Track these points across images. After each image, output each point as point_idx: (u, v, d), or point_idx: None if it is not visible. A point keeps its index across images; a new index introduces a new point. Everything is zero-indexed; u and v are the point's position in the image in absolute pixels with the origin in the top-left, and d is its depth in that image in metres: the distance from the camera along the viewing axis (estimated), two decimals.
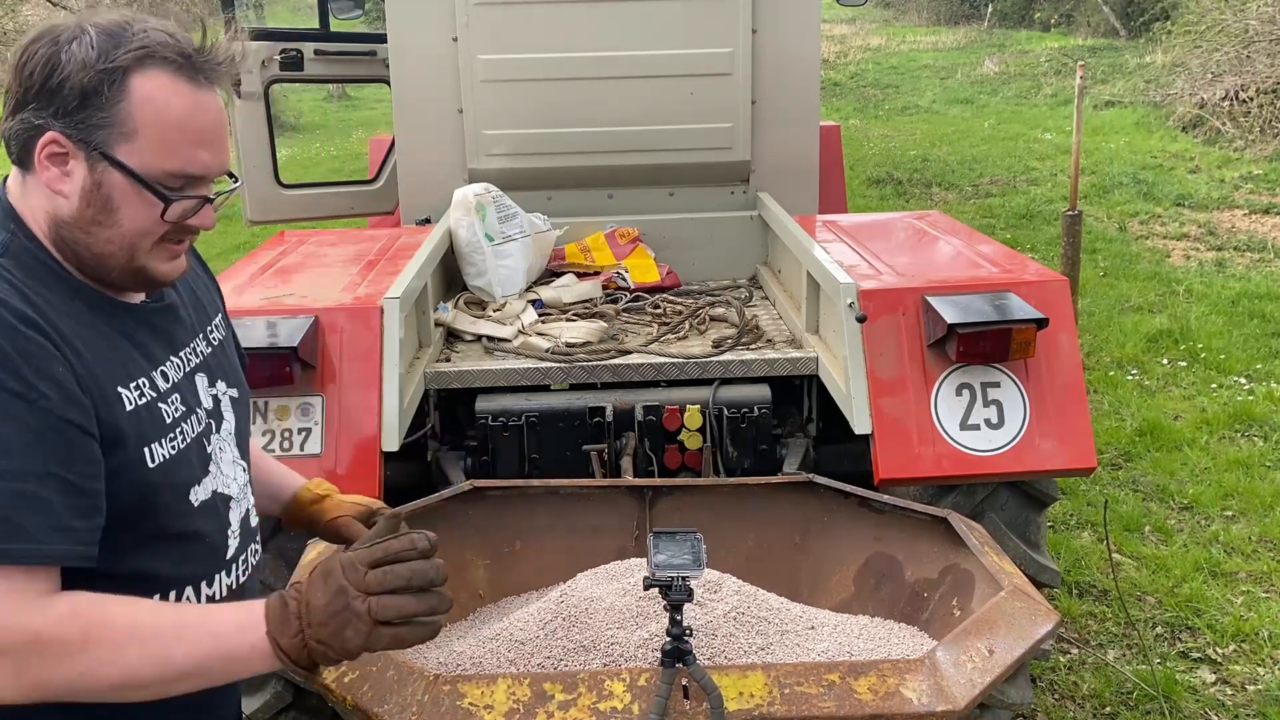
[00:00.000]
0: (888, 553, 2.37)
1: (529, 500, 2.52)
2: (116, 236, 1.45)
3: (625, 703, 1.69)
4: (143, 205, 1.44)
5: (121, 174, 1.42)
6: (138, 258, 1.47)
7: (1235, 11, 13.45)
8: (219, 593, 1.60)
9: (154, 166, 1.43)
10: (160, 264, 1.50)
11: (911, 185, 11.89)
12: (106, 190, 1.42)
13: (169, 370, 1.55)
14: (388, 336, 2.96)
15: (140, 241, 1.46)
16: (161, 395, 1.51)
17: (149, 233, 1.46)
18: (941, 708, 1.68)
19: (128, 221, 1.44)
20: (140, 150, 1.42)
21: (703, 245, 4.36)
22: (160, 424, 1.49)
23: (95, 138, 1.41)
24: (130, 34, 1.43)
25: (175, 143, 1.43)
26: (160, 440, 1.49)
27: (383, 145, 5.37)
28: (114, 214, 1.43)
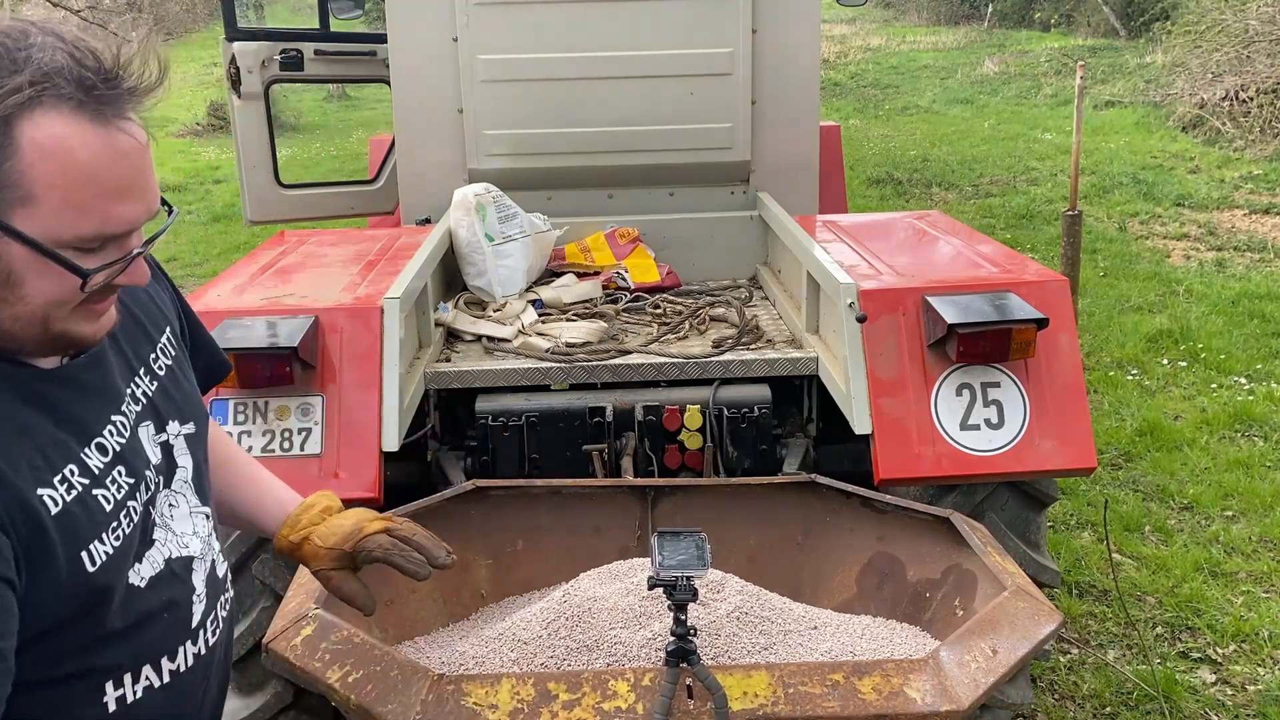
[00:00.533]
0: (890, 553, 2.38)
1: (531, 500, 2.52)
2: (24, 313, 1.21)
3: (629, 702, 1.69)
4: (53, 277, 1.20)
5: (22, 246, 1.16)
6: (54, 326, 1.24)
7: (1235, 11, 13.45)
8: (185, 663, 1.42)
9: (64, 232, 1.17)
10: (84, 326, 1.27)
11: (911, 185, 11.89)
12: (7, 264, 1.17)
13: (106, 440, 1.32)
14: (388, 336, 2.96)
15: (55, 311, 1.23)
16: (97, 479, 1.29)
17: (63, 302, 1.23)
18: (945, 707, 1.68)
19: (37, 295, 1.20)
20: (42, 216, 1.16)
21: (703, 245, 4.36)
22: (98, 516, 1.27)
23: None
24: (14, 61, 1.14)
25: (85, 203, 1.17)
26: (101, 537, 1.27)
27: (383, 145, 5.37)
28: (19, 289, 1.19)
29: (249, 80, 4.93)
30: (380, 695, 1.73)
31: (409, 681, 1.74)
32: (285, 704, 3.02)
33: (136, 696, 1.36)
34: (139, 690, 1.36)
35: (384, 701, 1.71)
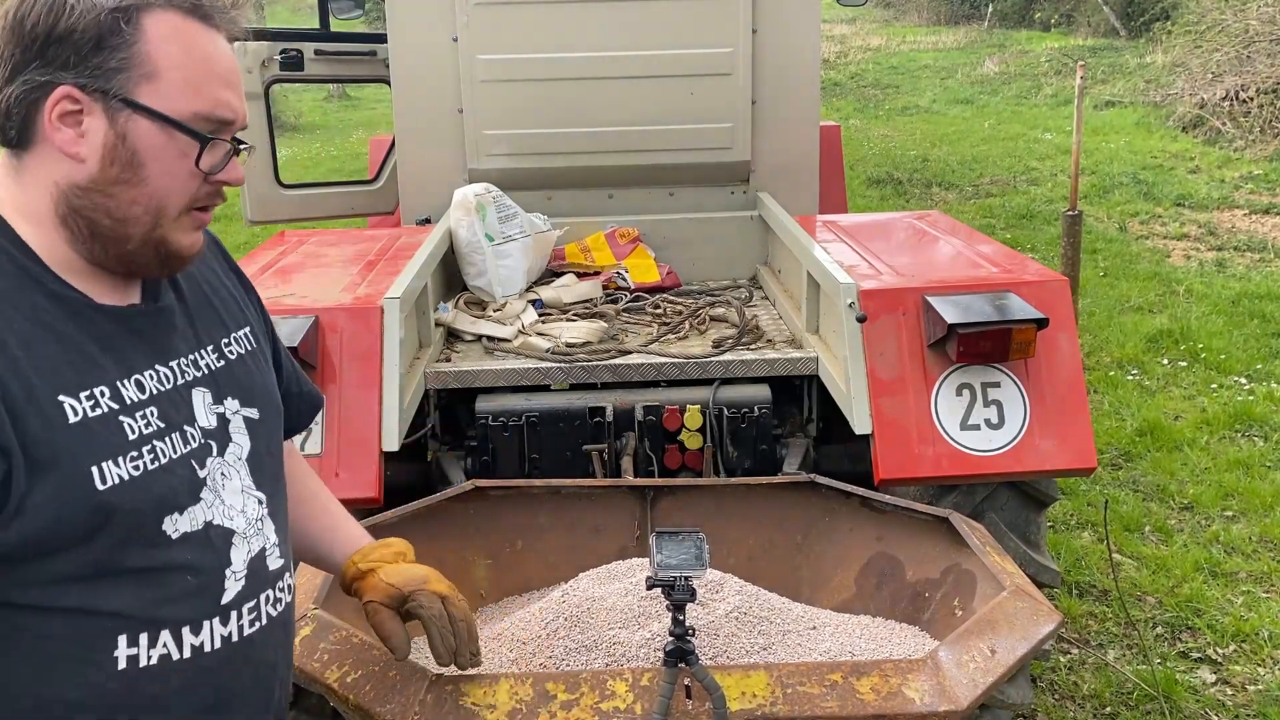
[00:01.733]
0: (889, 553, 2.38)
1: (530, 500, 2.52)
2: (143, 196, 1.31)
3: (628, 703, 1.69)
4: (173, 155, 1.31)
5: (148, 119, 1.28)
6: (162, 224, 1.33)
7: (1235, 11, 13.45)
8: (211, 643, 1.37)
9: (182, 108, 1.30)
10: (183, 236, 1.36)
11: (911, 185, 11.89)
12: (132, 142, 1.29)
13: (146, 380, 1.35)
14: (388, 336, 2.96)
15: (168, 203, 1.33)
16: (126, 408, 1.31)
17: (179, 189, 1.33)
18: (944, 708, 1.68)
19: (156, 176, 1.31)
20: (165, 92, 1.29)
21: (703, 245, 4.36)
22: (118, 440, 1.29)
23: (114, 84, 1.27)
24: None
25: (201, 81, 1.31)
26: (116, 458, 1.28)
27: (383, 145, 5.37)
28: (141, 169, 1.30)
29: (249, 80, 4.92)
30: (378, 695, 1.73)
31: (407, 682, 1.74)
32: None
33: (151, 662, 1.32)
34: (154, 656, 1.32)
35: (382, 702, 1.72)
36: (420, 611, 1.69)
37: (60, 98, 1.27)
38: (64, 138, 1.28)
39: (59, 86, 1.26)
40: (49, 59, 1.26)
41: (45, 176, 1.30)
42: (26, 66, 1.27)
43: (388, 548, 1.74)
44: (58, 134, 1.28)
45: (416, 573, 1.73)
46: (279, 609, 1.48)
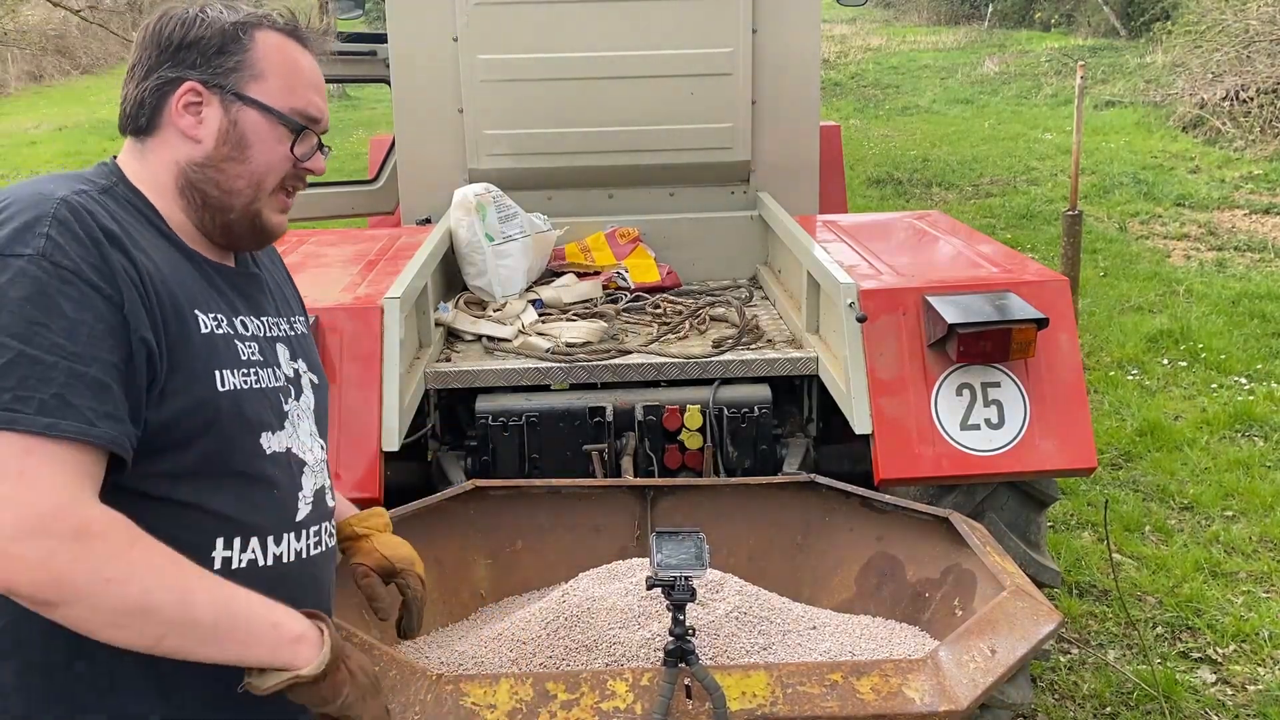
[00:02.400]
0: (889, 553, 2.38)
1: (530, 500, 2.52)
2: (246, 172, 1.58)
3: (628, 703, 1.69)
4: (273, 140, 1.59)
5: (255, 110, 1.57)
6: (259, 199, 1.60)
7: (1235, 11, 13.45)
8: (287, 554, 1.57)
9: (281, 103, 1.59)
10: (273, 213, 1.63)
11: (911, 185, 11.89)
12: (241, 128, 1.57)
13: (249, 322, 1.62)
14: (388, 336, 2.96)
15: (266, 180, 1.60)
16: (239, 335, 1.58)
17: (275, 169, 1.60)
18: (944, 707, 1.68)
19: (258, 156, 1.58)
20: (269, 89, 1.58)
21: (703, 245, 4.35)
22: (234, 356, 1.55)
23: (229, 80, 1.56)
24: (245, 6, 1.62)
25: (297, 84, 1.60)
26: (232, 370, 1.53)
27: (383, 145, 5.37)
28: (247, 149, 1.57)
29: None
30: None
31: (408, 681, 1.74)
32: None
33: (241, 565, 1.51)
34: (244, 560, 1.52)
35: None
36: (407, 591, 1.92)
37: (186, 90, 1.56)
38: (186, 123, 1.56)
39: (186, 81, 1.55)
40: (179, 61, 1.56)
41: (168, 156, 1.57)
42: (160, 67, 1.56)
43: (379, 517, 1.97)
44: (181, 120, 1.56)
45: (405, 551, 1.95)
46: (332, 542, 1.73)
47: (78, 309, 1.35)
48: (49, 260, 1.35)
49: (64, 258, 1.36)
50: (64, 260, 1.36)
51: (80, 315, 1.35)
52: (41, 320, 1.33)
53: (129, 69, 1.61)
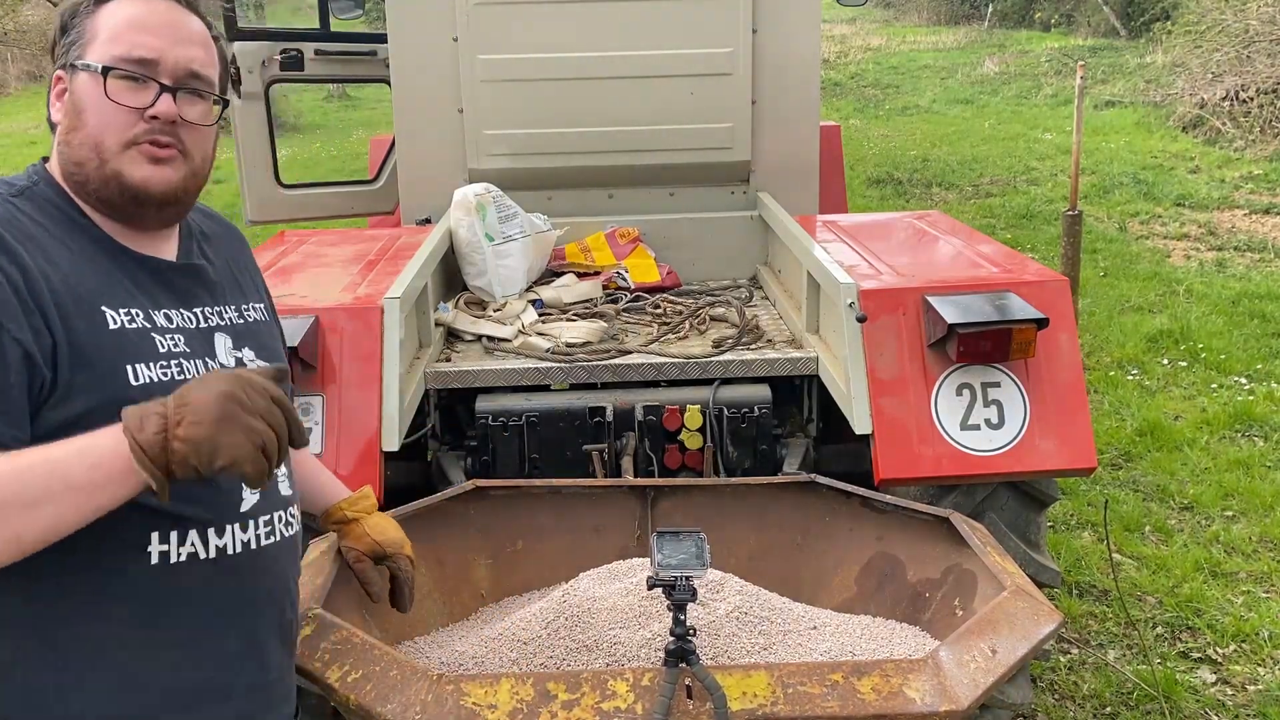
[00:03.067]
0: (890, 553, 2.38)
1: (531, 500, 2.52)
2: (85, 137, 1.53)
3: (629, 703, 1.69)
4: (97, 95, 1.53)
5: (82, 72, 1.54)
6: (108, 160, 1.53)
7: (1235, 11, 13.45)
8: (233, 545, 1.55)
9: (101, 56, 1.54)
10: (134, 169, 1.54)
11: (911, 185, 11.89)
12: (75, 94, 1.55)
13: (174, 315, 1.58)
14: (388, 336, 2.96)
15: (104, 138, 1.53)
16: (157, 328, 1.54)
17: (110, 125, 1.53)
18: (945, 707, 1.68)
19: (91, 118, 1.53)
20: (94, 49, 1.55)
21: (703, 245, 4.35)
22: (150, 349, 1.51)
23: (71, 55, 1.56)
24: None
25: (122, 33, 1.55)
26: (148, 363, 1.50)
27: (383, 145, 5.37)
28: (81, 114, 1.54)
29: (249, 80, 4.92)
30: (380, 695, 1.73)
31: (408, 681, 1.74)
32: None
33: (180, 559, 1.50)
34: (183, 554, 1.51)
35: (384, 701, 1.72)
36: (399, 573, 2.02)
37: (54, 81, 1.59)
38: (56, 108, 1.58)
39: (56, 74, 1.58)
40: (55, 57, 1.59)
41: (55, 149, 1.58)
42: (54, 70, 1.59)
43: (367, 499, 2.04)
44: (54, 110, 1.58)
45: (394, 534, 2.03)
46: (290, 531, 1.68)
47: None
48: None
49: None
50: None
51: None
52: None
53: None
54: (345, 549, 2.02)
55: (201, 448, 1.32)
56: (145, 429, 1.32)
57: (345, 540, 2.02)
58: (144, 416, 1.33)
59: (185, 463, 1.32)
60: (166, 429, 1.32)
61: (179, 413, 1.33)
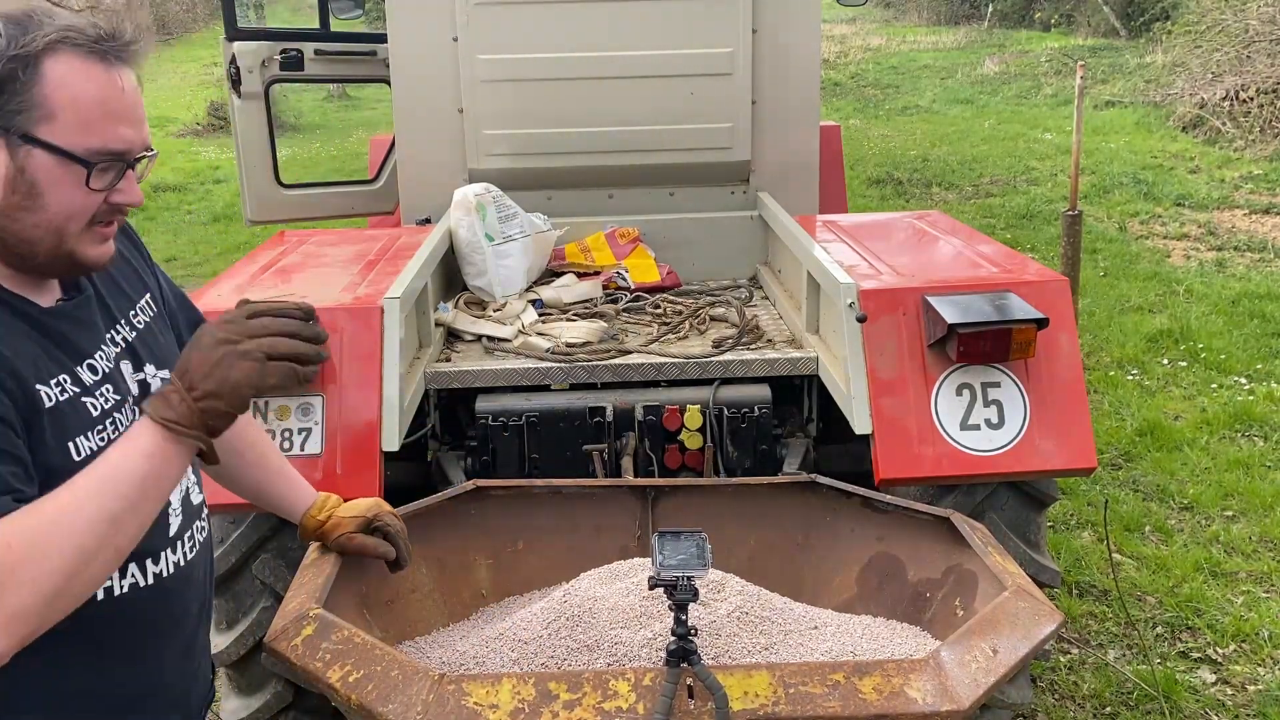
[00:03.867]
0: (890, 553, 2.38)
1: (532, 500, 2.52)
2: (44, 220, 1.46)
3: (630, 702, 1.69)
4: (69, 183, 1.45)
5: (45, 152, 1.43)
6: (66, 242, 1.48)
7: (1235, 11, 13.46)
8: (166, 569, 1.63)
9: (76, 144, 1.44)
10: (90, 249, 1.51)
11: (911, 185, 11.89)
12: (31, 173, 1.44)
13: (97, 362, 1.56)
14: (388, 336, 2.96)
15: (68, 224, 1.47)
16: (87, 389, 1.52)
17: (77, 213, 1.47)
18: (946, 707, 1.68)
19: (55, 203, 1.45)
20: (61, 130, 1.43)
21: (703, 245, 4.36)
22: (85, 418, 1.50)
23: (14, 123, 1.42)
24: (37, 21, 1.44)
25: (95, 120, 1.45)
26: (87, 434, 1.49)
27: (383, 145, 5.37)
28: (40, 197, 1.44)
29: (249, 80, 4.92)
30: (381, 695, 1.73)
31: (410, 681, 1.74)
32: (285, 704, 3.02)
33: (124, 591, 1.57)
34: (126, 586, 1.57)
35: (385, 701, 1.71)
36: (388, 528, 2.07)
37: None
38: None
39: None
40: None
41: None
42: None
43: (330, 499, 2.08)
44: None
45: (365, 503, 2.10)
46: (203, 535, 1.76)
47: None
48: None
49: None
50: None
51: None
52: None
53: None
54: (335, 543, 2.06)
55: (224, 392, 1.41)
56: (171, 407, 1.40)
57: (330, 537, 2.06)
58: (164, 400, 1.41)
59: (220, 413, 1.42)
60: (186, 396, 1.41)
61: (186, 379, 1.42)
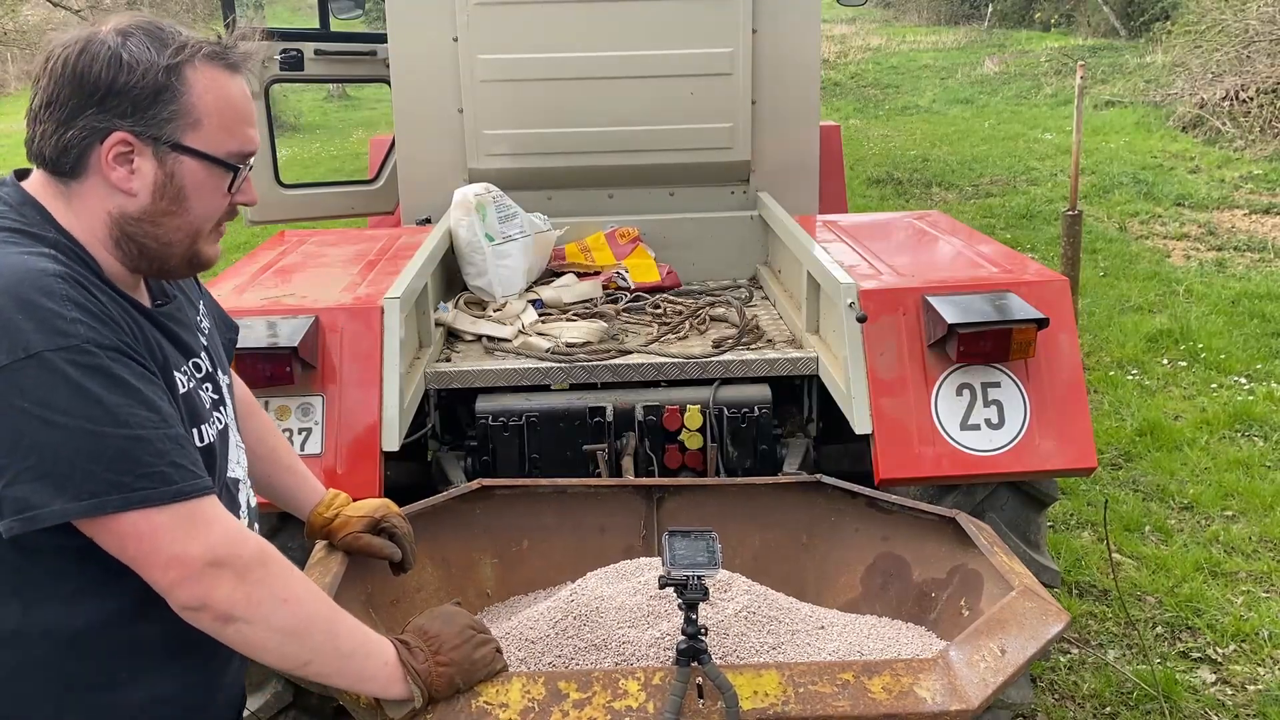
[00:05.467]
0: (895, 553, 2.37)
1: (536, 499, 2.52)
2: (185, 224, 1.53)
3: (640, 701, 1.69)
4: (211, 187, 1.53)
5: (195, 160, 1.51)
6: (198, 242, 1.57)
7: (1235, 11, 13.46)
8: None
9: (221, 148, 1.52)
10: (210, 248, 1.60)
11: (911, 185, 11.89)
12: (179, 180, 1.51)
13: (201, 360, 1.65)
14: (388, 336, 2.96)
15: (204, 226, 1.56)
16: (200, 382, 1.62)
17: (213, 215, 1.56)
18: (955, 707, 1.68)
19: (198, 206, 1.53)
20: (207, 136, 1.51)
21: (703, 245, 4.35)
22: (200, 408, 1.59)
23: (165, 131, 1.48)
24: (168, 33, 1.51)
25: (233, 124, 1.54)
26: (204, 424, 1.58)
27: (383, 145, 5.37)
28: (185, 202, 1.52)
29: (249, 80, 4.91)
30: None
31: None
32: (285, 704, 3.02)
33: None
34: None
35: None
36: (395, 530, 2.09)
37: (116, 142, 1.47)
38: (118, 175, 1.49)
39: (115, 132, 1.46)
40: (107, 108, 1.46)
41: (98, 205, 1.50)
42: (83, 112, 1.46)
43: (340, 496, 2.11)
44: (112, 172, 1.48)
45: (373, 503, 2.11)
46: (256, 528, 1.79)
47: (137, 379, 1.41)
48: (95, 345, 1.38)
49: (103, 339, 1.39)
50: (105, 340, 1.39)
51: (141, 384, 1.42)
52: (123, 401, 1.38)
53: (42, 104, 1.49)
54: (341, 541, 2.07)
55: (465, 665, 1.65)
56: (416, 660, 1.61)
57: (337, 535, 2.07)
58: (411, 652, 1.62)
59: (448, 681, 1.64)
60: (430, 660, 1.63)
61: (434, 644, 1.65)
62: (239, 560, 1.44)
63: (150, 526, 1.39)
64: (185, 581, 1.41)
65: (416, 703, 1.61)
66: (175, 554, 1.40)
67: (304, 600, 1.50)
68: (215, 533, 1.43)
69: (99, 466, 1.35)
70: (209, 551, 1.42)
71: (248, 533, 1.51)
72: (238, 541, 1.46)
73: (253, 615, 1.45)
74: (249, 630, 1.46)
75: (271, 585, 1.47)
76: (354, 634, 1.57)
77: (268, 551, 1.49)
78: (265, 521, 2.93)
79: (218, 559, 1.42)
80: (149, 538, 1.39)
